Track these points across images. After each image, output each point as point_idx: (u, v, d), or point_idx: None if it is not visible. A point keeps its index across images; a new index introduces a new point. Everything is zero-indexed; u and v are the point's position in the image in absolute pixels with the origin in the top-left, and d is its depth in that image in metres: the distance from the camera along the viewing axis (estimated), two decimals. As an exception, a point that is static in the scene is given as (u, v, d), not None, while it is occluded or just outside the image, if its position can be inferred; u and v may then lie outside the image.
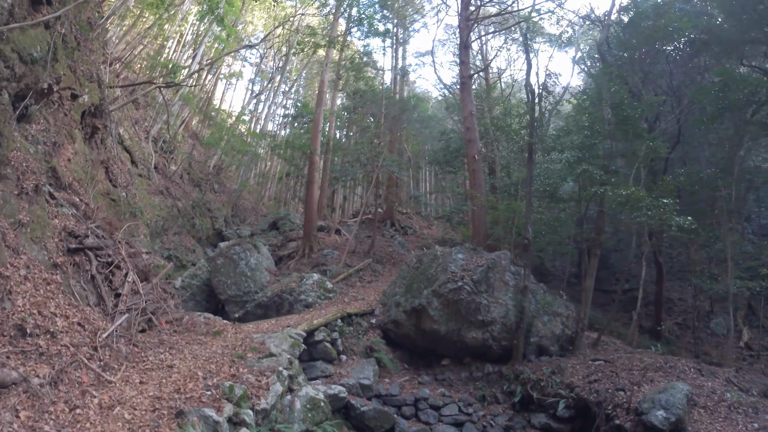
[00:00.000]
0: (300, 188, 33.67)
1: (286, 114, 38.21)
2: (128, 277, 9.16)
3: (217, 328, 9.09)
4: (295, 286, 14.47)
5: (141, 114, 23.22)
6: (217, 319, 10.43)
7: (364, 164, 20.25)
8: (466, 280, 11.53)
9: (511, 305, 11.83)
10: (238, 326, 9.78)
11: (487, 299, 11.61)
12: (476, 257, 12.42)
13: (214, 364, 6.65)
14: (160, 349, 7.21)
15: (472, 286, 11.48)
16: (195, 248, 20.98)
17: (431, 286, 11.95)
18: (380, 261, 20.11)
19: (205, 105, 30.28)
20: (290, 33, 29.34)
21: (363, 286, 16.88)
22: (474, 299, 11.45)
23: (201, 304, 17.62)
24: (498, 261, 12.08)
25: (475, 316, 11.52)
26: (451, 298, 11.48)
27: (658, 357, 11.57)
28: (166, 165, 23.27)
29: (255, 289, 17.46)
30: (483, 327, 11.63)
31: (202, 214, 23.35)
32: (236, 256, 18.02)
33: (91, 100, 12.47)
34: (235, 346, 7.88)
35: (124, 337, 7.07)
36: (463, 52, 20.41)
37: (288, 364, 6.73)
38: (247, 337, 8.58)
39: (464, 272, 11.79)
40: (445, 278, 11.73)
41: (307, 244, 21.28)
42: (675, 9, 16.09)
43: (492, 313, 11.62)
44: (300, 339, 8.99)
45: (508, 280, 12.11)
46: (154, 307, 8.77)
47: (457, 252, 12.40)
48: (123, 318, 7.52)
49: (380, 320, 13.17)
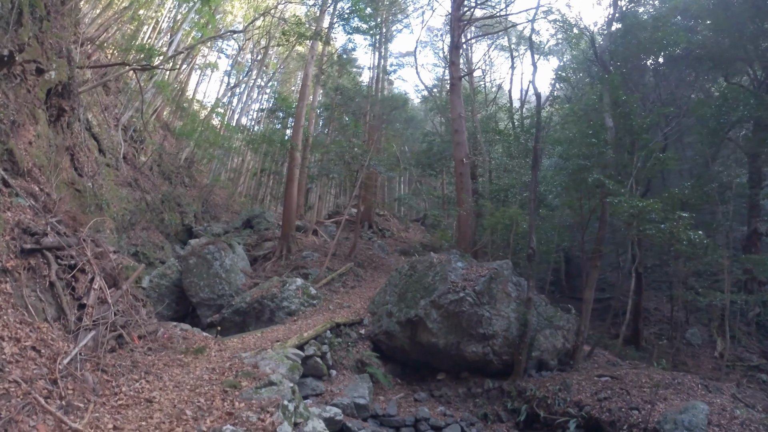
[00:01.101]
0: (275, 186, 32.09)
1: (262, 108, 36.48)
2: (94, 283, 7.73)
3: (198, 345, 7.77)
4: (277, 292, 13.17)
5: (111, 100, 21.22)
6: (195, 331, 9.07)
7: (347, 162, 19.06)
8: (468, 290, 10.60)
9: (513, 318, 10.99)
10: (221, 341, 8.47)
11: (489, 311, 10.72)
12: (476, 266, 11.52)
13: (203, 397, 5.40)
14: (134, 374, 5.88)
15: (474, 298, 10.55)
16: (164, 245, 19.25)
17: (429, 296, 10.95)
18: (361, 265, 18.98)
19: (178, 95, 28.28)
20: (271, 25, 27.78)
21: (347, 291, 15.72)
22: (476, 311, 10.53)
23: (170, 306, 16.04)
24: (500, 271, 11.21)
25: (477, 329, 10.61)
26: (452, 309, 10.52)
27: (665, 373, 11.01)
28: (136, 155, 21.35)
29: (230, 292, 16.03)
30: (484, 341, 10.73)
31: (172, 209, 21.56)
32: (210, 255, 16.52)
33: (59, 77, 10.87)
34: (224, 369, 6.61)
35: (91, 361, 5.72)
36: (454, 53, 19.57)
37: (291, 394, 5.58)
38: (235, 356, 7.31)
39: (465, 282, 10.86)
40: (445, 288, 10.76)
41: (285, 245, 19.90)
42: (670, 23, 15.78)
43: (494, 326, 10.73)
44: (298, 360, 7.79)
45: (510, 291, 11.26)
46: (125, 319, 7.38)
47: (456, 260, 11.45)
48: (89, 336, 6.15)
49: (370, 331, 12.07)
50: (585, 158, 11.22)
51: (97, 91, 20.18)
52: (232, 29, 31.71)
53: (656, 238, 10.86)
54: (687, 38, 15.34)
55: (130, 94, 21.49)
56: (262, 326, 12.62)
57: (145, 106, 20.98)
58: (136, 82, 22.37)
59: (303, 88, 20.34)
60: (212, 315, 15.54)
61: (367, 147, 18.68)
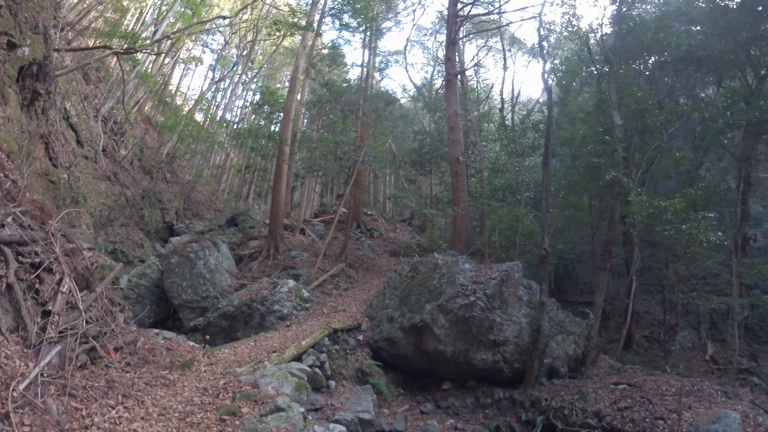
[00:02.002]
0: (260, 183, 30.70)
1: (247, 105, 35.03)
2: (63, 286, 6.51)
3: (185, 358, 6.62)
4: (268, 294, 12.01)
5: (91, 90, 19.64)
6: (180, 340, 7.90)
7: (339, 158, 17.97)
8: (478, 294, 9.68)
9: (525, 323, 10.12)
10: (210, 353, 7.31)
11: (500, 316, 9.82)
12: (485, 268, 10.61)
13: (195, 428, 4.31)
14: (109, 398, 4.74)
15: (485, 302, 9.64)
16: (143, 242, 17.81)
17: (436, 300, 9.99)
18: (352, 266, 17.91)
19: (161, 89, 26.70)
20: (258, 18, 26.46)
21: (339, 294, 14.64)
22: (487, 317, 9.62)
23: (150, 308, 14.72)
24: (511, 273, 10.33)
25: (487, 336, 9.70)
26: (462, 315, 9.58)
27: (683, 380, 10.34)
28: (116, 148, 19.81)
29: (215, 293, 14.80)
30: (494, 347, 9.83)
31: (152, 205, 20.08)
32: (193, 254, 15.24)
33: (33, 54, 9.57)
34: (217, 389, 5.50)
35: (56, 384, 4.56)
36: (450, 49, 18.72)
37: (302, 421, 4.54)
38: (229, 372, 6.20)
39: (475, 285, 9.93)
40: (454, 292, 9.82)
41: (273, 244, 18.70)
42: (672, 24, 15.25)
43: (505, 332, 9.84)
44: (304, 377, 6.70)
45: (521, 295, 10.40)
46: (98, 328, 6.18)
47: (463, 261, 10.52)
48: (54, 351, 4.97)
49: (369, 337, 11.05)
50: (598, 156, 10.46)
51: (76, 79, 18.63)
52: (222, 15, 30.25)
53: (672, 239, 10.15)
54: (687, 41, 14.82)
55: (111, 84, 19.96)
56: (252, 332, 11.47)
57: (126, 97, 19.51)
58: (118, 72, 20.86)
59: (293, 80, 19.18)
60: (195, 318, 14.26)
61: (360, 142, 17.63)
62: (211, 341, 11.85)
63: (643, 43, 14.72)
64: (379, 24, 25.87)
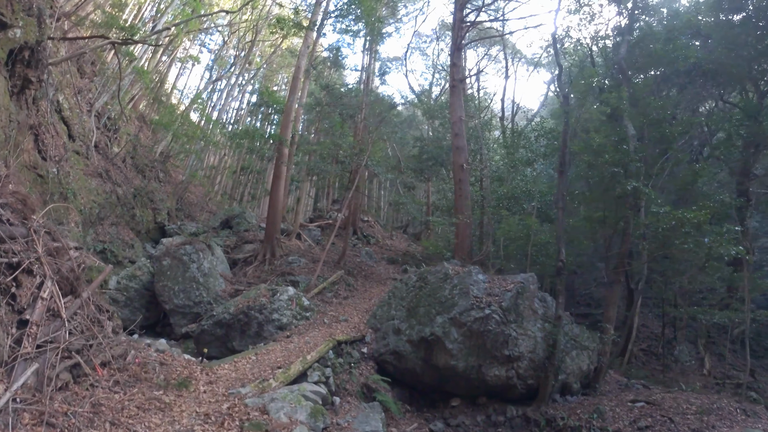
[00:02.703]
0: (255, 185, 29.77)
1: (242, 106, 34.17)
2: (44, 290, 5.68)
3: (181, 375, 5.80)
4: (266, 302, 11.18)
5: (86, 84, 18.68)
6: (174, 352, 7.06)
7: (341, 162, 17.23)
8: (493, 307, 8.99)
9: (540, 337, 9.46)
10: (209, 368, 6.48)
11: (515, 331, 9.13)
12: (499, 280, 9.94)
13: (199, 470, 3.54)
14: (95, 428, 3.92)
15: (501, 315, 8.95)
16: (134, 243, 16.83)
17: (448, 312, 9.29)
18: (351, 273, 17.12)
19: (157, 87, 25.74)
20: (258, 18, 25.72)
21: (339, 302, 13.84)
22: (503, 331, 8.93)
23: (139, 312, 13.78)
24: (526, 285, 9.67)
25: (501, 351, 9.00)
26: (476, 328, 8.88)
27: (702, 397, 9.78)
28: (109, 145, 18.83)
29: (208, 298, 13.93)
30: (508, 363, 9.14)
31: (144, 205, 19.11)
32: (186, 257, 14.37)
33: (26, 37, 8.77)
34: (221, 415, 4.72)
35: (31, 411, 3.74)
36: (456, 54, 18.16)
37: (324, 459, 3.79)
38: (233, 393, 5.41)
39: (490, 297, 9.25)
40: (468, 304, 9.12)
41: (269, 248, 17.82)
42: (680, 37, 14.88)
43: (520, 346, 9.15)
44: (319, 400, 5.91)
45: (537, 308, 9.73)
46: (83, 342, 5.36)
47: (476, 272, 9.83)
48: (30, 369, 4.16)
49: (374, 350, 10.28)
50: (615, 166, 9.90)
51: (71, 71, 17.67)
52: (215, 26, 29.47)
53: (692, 252, 9.60)
54: (695, 53, 14.44)
55: (107, 78, 19.01)
56: (249, 341, 10.64)
57: (122, 93, 18.59)
58: (114, 66, 19.94)
59: (294, 81, 18.46)
60: (187, 324, 13.38)
61: (362, 146, 16.93)
62: (206, 350, 11.02)
63: (651, 54, 14.30)
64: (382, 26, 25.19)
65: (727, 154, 13.02)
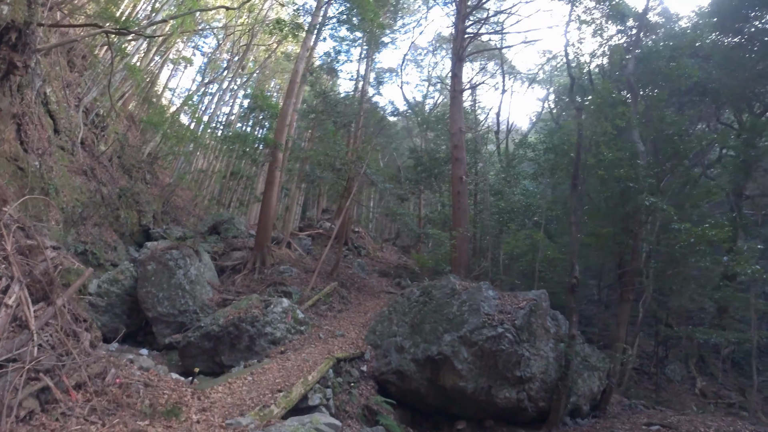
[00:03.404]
0: (245, 191, 28.75)
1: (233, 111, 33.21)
2: (9, 296, 4.81)
3: (170, 401, 4.92)
4: (259, 314, 10.28)
5: (75, 78, 17.62)
6: (160, 371, 6.17)
7: (338, 169, 16.50)
8: (506, 325, 8.31)
9: (552, 358, 8.81)
10: (201, 392, 5.59)
11: (528, 350, 8.46)
12: (510, 296, 9.28)
13: None
14: (63, 475, 3.07)
15: (514, 334, 8.27)
16: (117, 245, 15.72)
17: (457, 330, 8.56)
18: (344, 285, 16.24)
19: (148, 87, 24.69)
20: (255, 22, 24.97)
21: (334, 316, 12.99)
22: (516, 350, 8.24)
23: (120, 318, 12.74)
24: (539, 303, 9.02)
25: (513, 372, 8.31)
26: (488, 348, 8.17)
27: (717, 419, 9.23)
28: (95, 143, 17.74)
29: (194, 307, 12.94)
30: (519, 384, 8.44)
31: (130, 206, 17.99)
32: (172, 262, 13.40)
33: (13, 14, 7.91)
34: (221, 453, 3.90)
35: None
36: (457, 65, 17.71)
37: None
38: (231, 425, 4.58)
39: (502, 315, 8.57)
40: (479, 322, 8.42)
41: (259, 257, 16.87)
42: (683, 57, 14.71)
43: (532, 367, 8.48)
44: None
45: (549, 327, 9.08)
46: (54, 360, 4.47)
47: (487, 288, 9.16)
48: (-17, 399, 3.27)
49: (375, 368, 9.48)
50: (630, 181, 9.41)
51: (60, 64, 16.63)
52: (210, 28, 28.64)
53: (706, 271, 9.12)
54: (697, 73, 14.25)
55: (98, 74, 17.99)
56: (239, 356, 9.72)
57: (112, 89, 17.58)
58: (105, 61, 18.95)
59: (291, 84, 17.73)
60: (171, 334, 12.36)
61: (361, 154, 16.25)
62: (191, 363, 10.04)
63: (655, 71, 14.04)
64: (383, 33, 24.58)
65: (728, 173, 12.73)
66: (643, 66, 14.51)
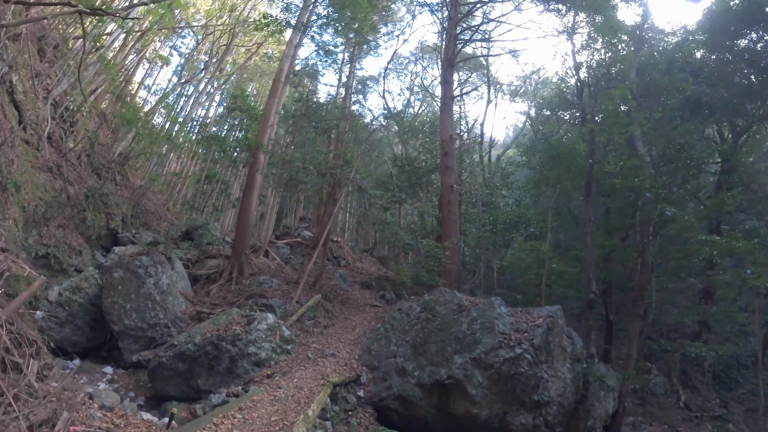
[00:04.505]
0: (220, 196, 27.03)
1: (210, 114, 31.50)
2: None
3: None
4: (241, 332, 8.95)
5: (45, 68, 15.80)
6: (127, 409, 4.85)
7: (322, 174, 15.31)
8: (525, 345, 7.34)
9: (569, 379, 7.91)
10: (182, 436, 4.30)
11: (547, 372, 7.52)
12: (522, 313, 8.34)
13: None
14: None
15: (533, 355, 7.31)
16: (82, 249, 14.02)
17: (469, 351, 7.54)
18: (328, 298, 14.93)
19: (122, 85, 22.84)
20: (236, 22, 23.61)
21: (321, 332, 11.72)
22: (535, 373, 7.29)
23: (82, 331, 11.14)
24: (555, 319, 8.11)
25: (530, 396, 7.34)
26: (506, 370, 7.18)
27: None
28: (63, 138, 15.92)
29: (165, 320, 11.44)
30: (536, 409, 7.48)
31: (97, 208, 16.22)
32: (142, 270, 11.86)
33: None
34: None
35: None
36: (448, 71, 16.96)
37: None
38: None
39: (518, 334, 7.61)
40: (494, 342, 7.43)
41: (236, 265, 15.38)
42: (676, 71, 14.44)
43: (550, 390, 7.54)
44: None
45: (566, 346, 8.18)
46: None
47: (499, 304, 8.18)
48: None
49: (372, 393, 8.32)
50: (646, 191, 8.73)
51: (30, 52, 14.84)
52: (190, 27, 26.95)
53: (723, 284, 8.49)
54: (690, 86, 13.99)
55: (69, 65, 16.21)
56: (219, 379, 8.37)
57: (83, 83, 15.84)
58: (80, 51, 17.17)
59: (275, 84, 16.52)
60: (140, 350, 10.80)
61: (349, 157, 15.16)
62: (162, 387, 8.60)
63: (649, 84, 13.64)
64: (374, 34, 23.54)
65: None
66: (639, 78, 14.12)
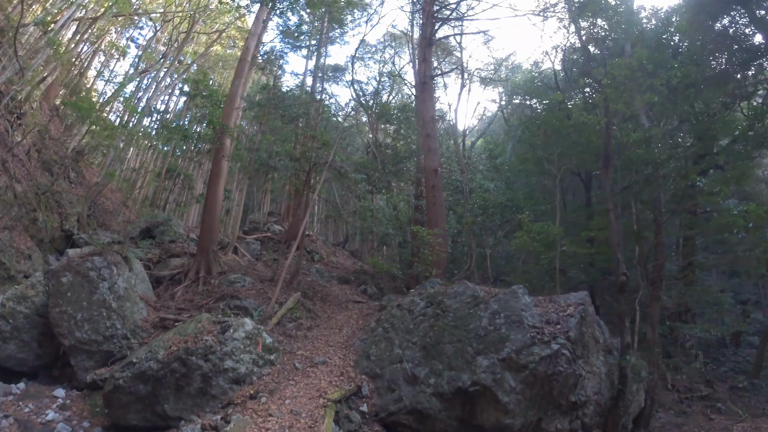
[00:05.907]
0: (182, 191, 24.53)
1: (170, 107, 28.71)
2: None
3: None
4: (214, 342, 7.15)
5: None
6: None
7: (296, 159, 13.55)
8: (561, 340, 6.01)
9: (604, 373, 6.69)
10: None
11: (584, 368, 6.25)
12: (546, 301, 7.01)
13: None
14: None
15: (570, 350, 6.00)
16: (32, 253, 11.78)
17: (496, 351, 6.13)
18: (307, 295, 13.16)
19: (76, 78, 20.02)
20: (196, 9, 21.21)
21: (305, 335, 9.96)
22: (573, 371, 5.97)
23: (29, 347, 9.07)
24: (586, 307, 6.83)
25: (567, 397, 6.04)
26: (542, 371, 5.82)
27: None
28: (9, 131, 13.40)
29: (123, 331, 9.43)
30: (572, 411, 6.21)
31: (50, 208, 13.86)
32: (94, 272, 9.75)
33: None
34: None
35: None
36: (427, 50, 15.48)
37: None
38: None
39: (550, 326, 6.27)
40: (526, 338, 6.04)
41: (204, 264, 13.32)
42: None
43: (586, 389, 6.29)
44: None
45: (598, 337, 6.93)
46: None
47: (523, 293, 6.80)
48: None
49: (378, 407, 6.76)
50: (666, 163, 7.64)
51: None
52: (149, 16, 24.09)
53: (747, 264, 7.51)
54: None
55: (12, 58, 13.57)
56: (190, 402, 6.59)
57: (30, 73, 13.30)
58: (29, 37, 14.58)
59: (241, 63, 14.57)
60: (95, 368, 8.73)
61: (325, 140, 13.46)
62: (122, 414, 6.72)
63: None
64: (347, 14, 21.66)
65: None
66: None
